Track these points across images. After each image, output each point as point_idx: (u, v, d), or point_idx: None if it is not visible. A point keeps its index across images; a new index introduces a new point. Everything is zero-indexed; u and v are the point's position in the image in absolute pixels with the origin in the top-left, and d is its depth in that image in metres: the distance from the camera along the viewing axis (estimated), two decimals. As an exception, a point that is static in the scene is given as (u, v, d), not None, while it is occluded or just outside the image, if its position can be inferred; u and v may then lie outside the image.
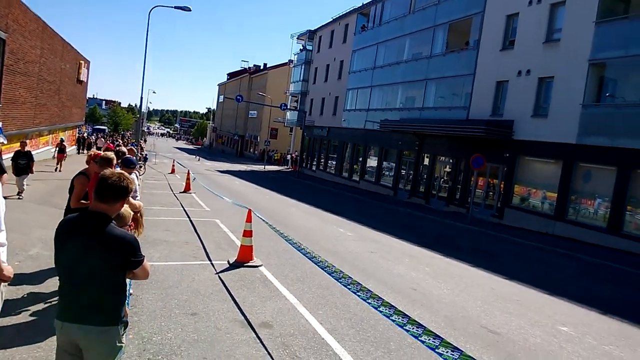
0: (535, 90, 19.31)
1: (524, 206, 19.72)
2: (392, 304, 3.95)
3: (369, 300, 4.13)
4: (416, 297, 7.36)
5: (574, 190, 17.60)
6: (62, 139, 25.44)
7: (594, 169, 17.10)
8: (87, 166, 5.91)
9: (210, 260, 8.20)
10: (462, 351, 2.99)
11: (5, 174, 8.98)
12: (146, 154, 30.35)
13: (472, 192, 20.67)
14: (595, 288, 10.02)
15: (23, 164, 12.04)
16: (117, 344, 2.62)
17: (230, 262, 8.06)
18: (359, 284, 4.48)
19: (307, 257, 6.07)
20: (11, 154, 19.39)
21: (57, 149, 21.71)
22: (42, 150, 24.51)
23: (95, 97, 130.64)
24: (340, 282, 4.73)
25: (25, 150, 12.64)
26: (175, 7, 24.87)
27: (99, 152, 6.40)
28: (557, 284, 9.61)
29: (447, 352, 3.04)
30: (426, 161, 26.78)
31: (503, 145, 20.31)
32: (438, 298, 7.49)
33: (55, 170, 20.23)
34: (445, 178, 25.40)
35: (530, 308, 7.54)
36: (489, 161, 20.49)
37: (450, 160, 24.77)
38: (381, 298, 4.06)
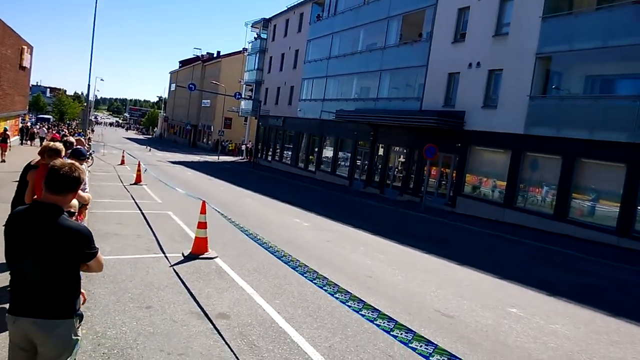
0: (485, 82, 19.92)
1: (476, 194, 20.38)
2: (349, 290, 3.99)
3: (325, 288, 4.15)
4: (372, 285, 7.47)
5: (522, 179, 18.35)
6: (5, 128, 24.29)
7: (540, 158, 17.87)
8: (38, 158, 5.65)
9: (164, 253, 8.00)
10: (415, 332, 3.06)
11: None
12: (90, 146, 29.17)
13: (426, 181, 21.18)
14: (543, 272, 10.50)
15: None
16: (73, 337, 2.58)
17: (185, 254, 7.89)
18: (315, 272, 4.49)
19: (263, 247, 6.03)
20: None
21: (0, 139, 21.02)
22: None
23: (39, 84, 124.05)
24: (297, 271, 4.73)
25: None
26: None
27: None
28: (507, 269, 10.00)
29: (401, 334, 3.11)
30: (381, 151, 27.15)
31: (455, 135, 20.87)
32: (393, 285, 7.64)
33: (2, 161, 19.48)
34: (399, 168, 25.85)
35: (482, 292, 7.81)
36: (441, 151, 21.01)
37: (404, 151, 25.23)
38: (337, 285, 4.08)
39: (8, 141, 22.36)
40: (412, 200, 22.81)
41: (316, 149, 34.50)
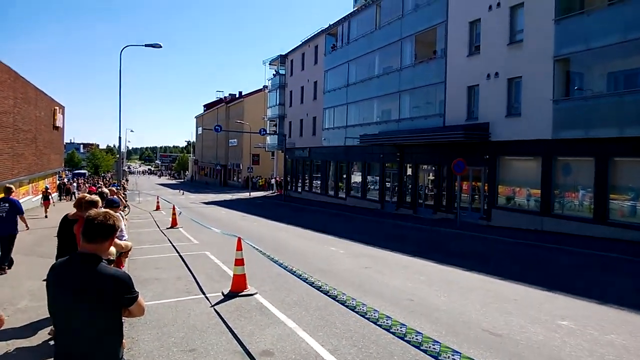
0: (505, 91, 19.74)
1: (510, 206, 19.93)
2: (391, 316, 3.95)
3: (368, 316, 4.12)
4: (414, 308, 7.35)
5: (557, 185, 17.88)
6: (46, 186, 25.54)
7: (572, 162, 17.42)
8: (74, 211, 5.94)
9: (204, 293, 8.09)
10: (460, 353, 3.00)
11: None
12: (126, 195, 30.09)
13: (458, 197, 20.87)
14: (589, 279, 10.12)
15: None
16: None
17: (225, 293, 7.96)
18: (354, 300, 4.47)
19: (301, 279, 6.04)
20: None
21: (43, 196, 22.48)
22: (23, 200, 24.08)
23: (72, 141, 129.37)
24: (338, 301, 4.71)
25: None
26: (146, 45, 24.95)
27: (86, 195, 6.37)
28: (552, 279, 9.68)
29: (448, 357, 3.05)
30: (409, 171, 27.00)
31: (481, 147, 20.62)
32: (436, 306, 7.49)
33: (46, 217, 20.82)
34: (429, 186, 25.59)
35: (529, 306, 7.57)
36: (470, 165, 20.75)
37: (433, 168, 25.02)
38: (376, 310, 4.06)
39: (50, 198, 23.45)
40: (446, 218, 22.46)
41: (344, 176, 34.57)
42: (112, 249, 5.03)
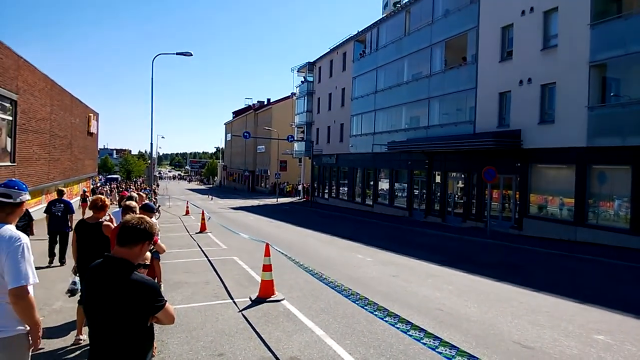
0: (538, 97, 19.33)
1: (543, 215, 19.44)
2: (421, 327, 3.89)
3: (398, 325, 4.07)
4: (444, 318, 7.23)
5: (591, 194, 17.36)
6: (84, 190, 26.54)
7: (608, 170, 16.89)
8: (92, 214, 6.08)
9: (232, 298, 8.16)
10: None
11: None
12: (157, 200, 30.76)
13: (488, 205, 20.47)
14: (626, 292, 9.76)
15: (21, 225, 9.90)
16: None
17: (252, 298, 8.01)
18: (386, 309, 4.43)
19: (329, 286, 6.03)
20: (35, 208, 19.96)
21: (81, 199, 23.41)
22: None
23: (106, 147, 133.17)
24: (366, 309, 4.68)
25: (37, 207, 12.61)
26: (177, 54, 25.49)
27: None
28: (586, 291, 9.39)
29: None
30: (438, 179, 26.68)
31: (513, 155, 20.22)
32: (466, 317, 7.35)
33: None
34: (459, 194, 25.22)
35: (562, 318, 7.35)
36: (500, 172, 20.37)
37: (462, 176, 24.66)
38: (410, 322, 4.01)
39: (88, 200, 24.30)
40: (476, 227, 22.07)
41: (371, 183, 34.40)
42: (148, 254, 5.12)
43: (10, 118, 17.00)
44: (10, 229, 2.98)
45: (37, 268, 8.14)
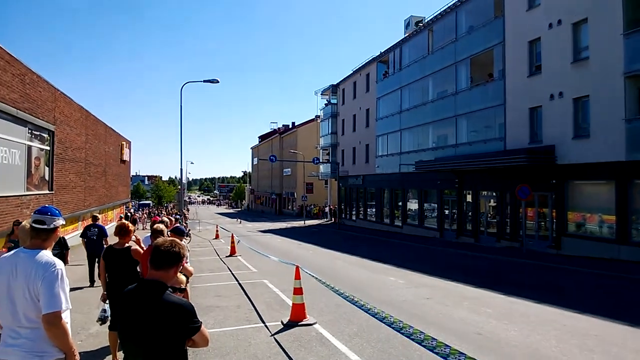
0: (571, 111, 18.81)
1: (582, 233, 18.69)
2: (461, 351, 3.66)
3: (436, 350, 3.85)
4: (483, 342, 6.89)
5: (635, 210, 16.58)
6: (121, 216, 27.06)
7: (650, 185, 16.18)
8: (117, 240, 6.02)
9: (263, 322, 8.01)
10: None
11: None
12: (187, 224, 31.14)
13: (523, 224, 19.84)
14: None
15: (56, 253, 11.42)
16: None
17: (284, 322, 7.85)
18: (422, 333, 4.21)
19: (362, 309, 5.82)
20: (72, 234, 20.44)
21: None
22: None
23: (138, 174, 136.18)
24: (402, 333, 4.47)
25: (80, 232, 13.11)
26: (205, 81, 26.02)
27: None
28: (635, 313, 8.86)
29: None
30: (469, 198, 26.13)
31: (547, 171, 19.65)
32: (507, 341, 6.99)
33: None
34: (491, 213, 24.61)
35: (613, 343, 6.91)
36: (535, 190, 19.79)
37: (494, 194, 24.09)
38: (448, 346, 3.79)
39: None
40: (511, 246, 21.40)
41: (400, 203, 33.97)
42: (182, 277, 5.06)
43: (48, 148, 17.57)
44: (47, 254, 3.01)
45: (77, 289, 8.23)
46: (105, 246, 10.51)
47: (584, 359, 6.16)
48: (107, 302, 5.86)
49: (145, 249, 6.23)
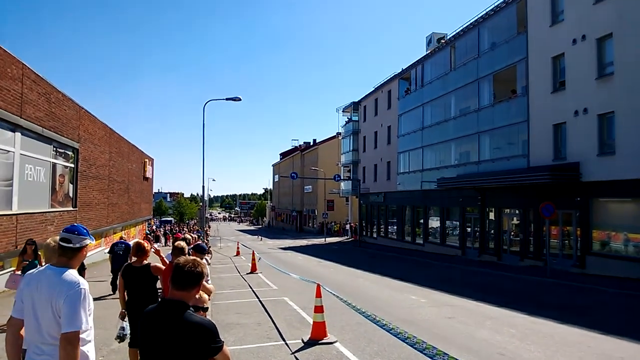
0: (596, 128, 18.52)
1: (607, 252, 18.25)
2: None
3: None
4: (507, 363, 6.77)
5: (661, 228, 16.18)
6: (147, 232, 27.74)
7: (679, 203, 15.76)
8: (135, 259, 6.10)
9: (284, 340, 8.03)
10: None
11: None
12: (209, 241, 31.44)
13: (547, 242, 19.47)
14: None
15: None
16: None
17: (305, 340, 7.85)
18: (446, 354, 4.20)
19: (383, 328, 5.82)
20: (95, 251, 20.88)
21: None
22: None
23: (160, 191, 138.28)
24: (425, 354, 4.45)
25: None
26: (227, 99, 26.47)
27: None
28: (665, 335, 8.58)
29: None
30: (491, 215, 25.78)
31: (572, 189, 19.31)
32: (531, 362, 6.86)
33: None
34: (514, 231, 24.21)
35: (640, 365, 6.72)
36: (559, 208, 19.44)
37: (517, 212, 23.73)
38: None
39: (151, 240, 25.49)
40: (534, 265, 20.98)
41: (421, 221, 33.70)
42: (205, 296, 5.13)
43: (72, 165, 18.03)
44: (72, 273, 3.02)
45: (98, 300, 8.34)
46: (129, 261, 10.79)
47: (611, 382, 6.00)
48: (126, 319, 5.92)
49: (168, 263, 6.33)
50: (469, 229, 27.94)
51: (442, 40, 31.78)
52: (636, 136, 16.59)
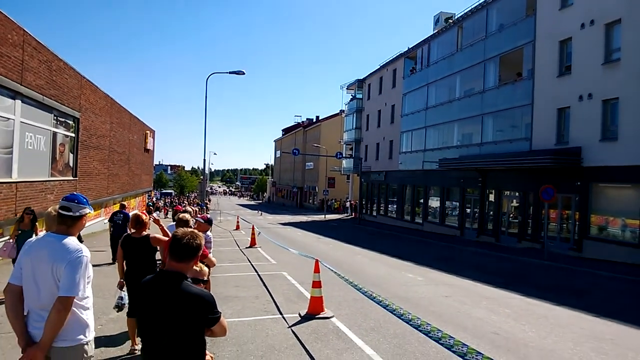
0: (600, 113, 18.43)
1: (604, 236, 18.37)
2: (479, 351, 3.72)
3: (454, 349, 3.91)
4: (500, 342, 6.91)
5: (660, 215, 16.24)
6: (149, 203, 28.29)
7: (679, 190, 15.79)
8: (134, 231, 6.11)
9: (281, 314, 8.16)
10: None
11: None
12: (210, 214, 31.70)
13: (545, 225, 19.58)
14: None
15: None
16: None
17: (302, 314, 7.98)
18: (440, 330, 4.28)
19: (379, 305, 5.90)
20: (94, 221, 21.02)
21: (147, 211, 25.81)
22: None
23: (161, 163, 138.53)
24: (420, 330, 4.54)
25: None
26: (230, 72, 26.26)
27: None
28: (656, 320, 8.72)
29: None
30: (491, 197, 25.85)
31: (572, 173, 19.32)
32: (524, 342, 6.99)
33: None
34: (513, 213, 24.31)
35: (630, 348, 6.85)
36: (559, 192, 19.47)
37: (517, 194, 23.79)
38: (465, 344, 3.85)
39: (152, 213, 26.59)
40: (532, 247, 21.14)
41: (421, 200, 33.80)
42: (205, 269, 5.18)
43: (73, 135, 17.98)
44: (73, 240, 3.05)
45: (99, 266, 8.44)
46: (128, 230, 10.90)
47: (601, 363, 6.13)
48: (125, 289, 5.99)
49: (170, 236, 6.38)
50: (468, 210, 28.05)
51: (449, 20, 31.30)
52: (638, 123, 16.51)
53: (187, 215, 6.07)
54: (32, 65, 13.80)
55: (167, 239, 5.97)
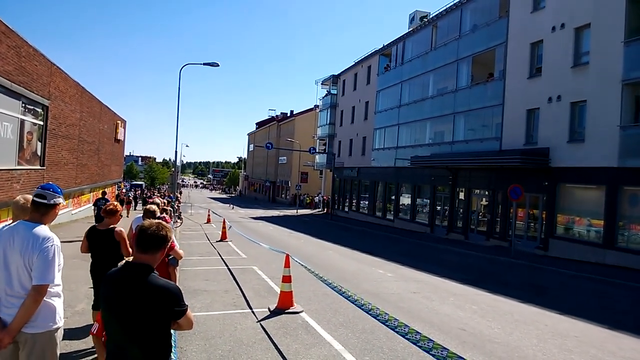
0: (568, 115, 18.92)
1: (570, 236, 18.92)
2: (444, 346, 3.75)
3: (420, 344, 3.93)
4: (466, 338, 7.01)
5: (622, 216, 16.81)
6: (125, 192, 28.34)
7: (640, 192, 16.37)
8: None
9: (251, 308, 8.09)
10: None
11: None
12: (179, 207, 31.22)
13: (513, 224, 20.04)
14: (658, 319, 9.34)
15: None
16: None
17: (271, 309, 7.92)
18: (407, 326, 4.29)
19: (349, 300, 5.90)
20: (62, 211, 20.42)
21: (120, 201, 27.14)
22: (84, 208, 25.34)
23: (132, 154, 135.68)
24: (387, 326, 4.54)
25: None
26: (204, 64, 25.85)
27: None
28: (616, 317, 9.03)
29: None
30: (461, 195, 26.29)
31: (540, 173, 19.79)
32: (489, 338, 7.11)
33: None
34: (482, 211, 24.79)
35: (592, 344, 7.05)
36: (527, 191, 19.93)
37: (486, 193, 24.25)
38: (431, 340, 3.86)
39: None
40: (499, 245, 21.60)
41: (393, 197, 34.12)
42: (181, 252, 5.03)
43: (42, 123, 17.40)
44: (45, 229, 3.12)
45: (66, 258, 8.14)
46: None
47: (562, 358, 6.28)
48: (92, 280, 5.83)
49: (135, 231, 6.20)
50: (438, 207, 28.45)
51: (424, 19, 31.59)
52: (605, 126, 17.03)
53: (154, 207, 5.93)
54: (1, 51, 13.28)
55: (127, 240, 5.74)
